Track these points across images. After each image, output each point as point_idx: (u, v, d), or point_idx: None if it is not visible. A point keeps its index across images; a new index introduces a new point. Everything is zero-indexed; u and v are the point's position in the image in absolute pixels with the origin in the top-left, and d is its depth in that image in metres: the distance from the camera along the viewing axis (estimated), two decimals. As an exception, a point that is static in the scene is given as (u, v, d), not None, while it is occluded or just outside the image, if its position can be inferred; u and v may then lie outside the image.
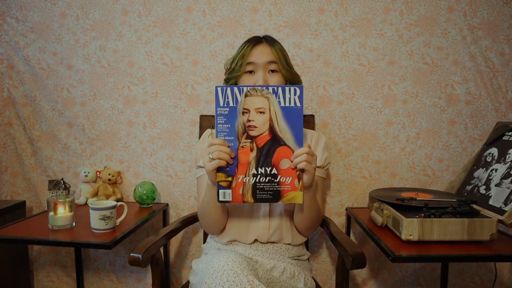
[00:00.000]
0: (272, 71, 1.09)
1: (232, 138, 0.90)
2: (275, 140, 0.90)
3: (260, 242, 1.09)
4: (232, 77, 1.12)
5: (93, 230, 1.17)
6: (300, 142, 0.90)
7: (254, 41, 1.12)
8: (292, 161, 0.89)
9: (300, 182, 0.90)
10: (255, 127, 0.90)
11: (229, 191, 0.92)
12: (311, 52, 1.50)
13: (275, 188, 0.91)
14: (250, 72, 1.10)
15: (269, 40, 1.13)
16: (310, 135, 1.19)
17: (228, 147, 0.90)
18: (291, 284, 1.02)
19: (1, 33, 1.58)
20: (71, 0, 1.55)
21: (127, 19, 1.54)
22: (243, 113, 0.90)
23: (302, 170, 0.89)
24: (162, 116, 1.56)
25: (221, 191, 0.92)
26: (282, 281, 1.01)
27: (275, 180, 0.91)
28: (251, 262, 0.91)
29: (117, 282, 1.65)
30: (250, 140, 0.90)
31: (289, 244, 1.10)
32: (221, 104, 0.90)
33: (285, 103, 0.90)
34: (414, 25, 1.47)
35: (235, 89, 0.89)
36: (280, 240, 1.09)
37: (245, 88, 0.90)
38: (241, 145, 0.90)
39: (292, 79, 1.12)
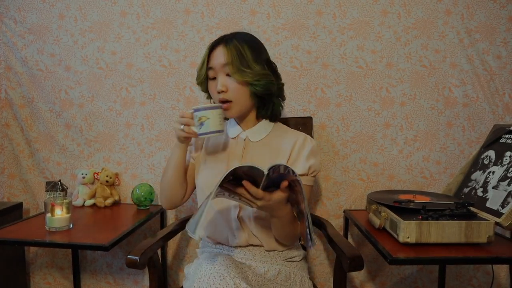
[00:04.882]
0: (228, 74, 1.02)
1: None
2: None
3: (242, 247, 1.07)
4: (199, 83, 1.10)
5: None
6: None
7: (214, 43, 1.05)
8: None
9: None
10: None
11: None
12: (309, 54, 1.50)
13: None
14: (214, 78, 1.05)
15: (226, 39, 1.03)
16: (294, 138, 1.10)
17: None
18: (287, 286, 1.02)
19: (-1, 34, 1.58)
20: (69, 1, 1.56)
21: (126, 21, 1.54)
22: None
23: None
24: (160, 118, 1.56)
25: None
26: (277, 284, 1.00)
27: None
28: (240, 266, 0.90)
29: (114, 284, 1.64)
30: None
31: (274, 250, 1.08)
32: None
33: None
34: (412, 28, 1.47)
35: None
36: (261, 245, 1.07)
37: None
38: None
39: (254, 80, 1.01)
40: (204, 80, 1.09)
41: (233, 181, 0.85)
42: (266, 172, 0.79)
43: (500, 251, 1.00)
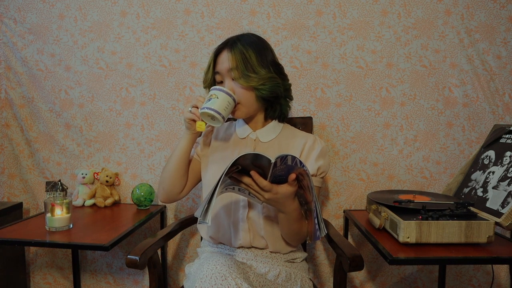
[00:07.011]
0: (234, 78, 1.03)
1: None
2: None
3: (245, 248, 1.07)
4: (206, 87, 1.11)
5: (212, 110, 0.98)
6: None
7: (219, 48, 1.06)
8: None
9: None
10: None
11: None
12: (309, 54, 1.50)
13: None
14: (221, 82, 1.06)
15: (230, 44, 1.04)
16: (304, 140, 1.12)
17: None
18: (287, 287, 1.02)
19: (-1, 34, 1.58)
20: (69, 1, 1.56)
21: (126, 21, 1.55)
22: None
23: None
24: (160, 118, 1.56)
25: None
26: (277, 285, 1.00)
27: None
28: (242, 266, 0.90)
29: (114, 284, 1.64)
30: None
31: (277, 252, 1.08)
32: None
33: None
34: (412, 28, 1.48)
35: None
36: (265, 246, 1.06)
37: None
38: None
39: (259, 85, 1.02)
40: (212, 84, 1.09)
41: (241, 172, 0.87)
42: (273, 161, 0.80)
43: (500, 251, 1.00)
